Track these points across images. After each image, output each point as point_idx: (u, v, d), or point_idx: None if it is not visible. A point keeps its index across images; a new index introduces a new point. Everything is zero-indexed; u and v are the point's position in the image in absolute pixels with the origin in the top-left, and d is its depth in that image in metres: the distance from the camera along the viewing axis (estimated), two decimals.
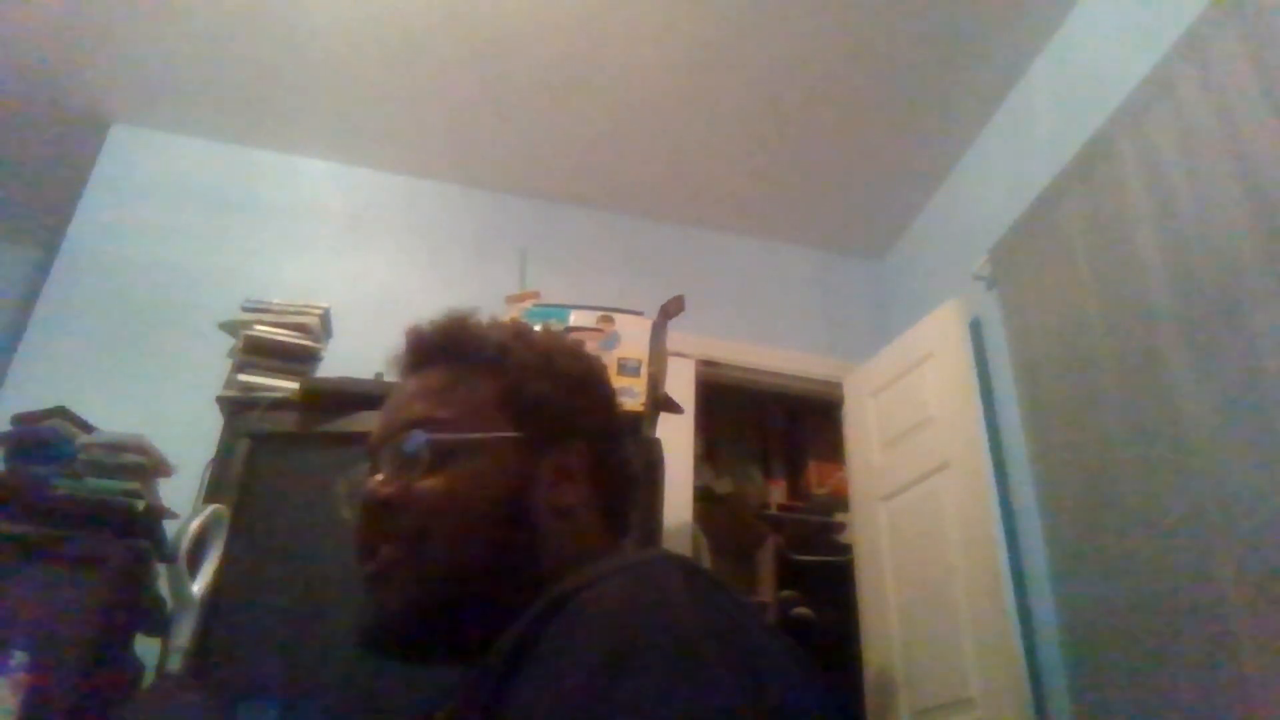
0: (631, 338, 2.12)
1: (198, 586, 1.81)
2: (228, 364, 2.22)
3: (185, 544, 1.78)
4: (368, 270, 3.08)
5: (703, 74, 2.83)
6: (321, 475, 1.20)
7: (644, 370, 2.07)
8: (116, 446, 1.96)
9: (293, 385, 2.11)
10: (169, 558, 1.82)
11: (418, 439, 0.71)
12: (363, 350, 1.68)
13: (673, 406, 2.22)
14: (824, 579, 3.75)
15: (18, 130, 3.09)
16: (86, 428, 2.03)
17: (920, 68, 2.76)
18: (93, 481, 1.91)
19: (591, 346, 2.09)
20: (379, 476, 0.72)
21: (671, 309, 2.20)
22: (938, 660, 2.45)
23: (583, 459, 0.75)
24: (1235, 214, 1.77)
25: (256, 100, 3.01)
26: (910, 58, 2.73)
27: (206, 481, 2.03)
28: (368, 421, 0.84)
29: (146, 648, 1.96)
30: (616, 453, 0.79)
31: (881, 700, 2.65)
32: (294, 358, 2.22)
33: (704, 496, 3.51)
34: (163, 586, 1.91)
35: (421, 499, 0.70)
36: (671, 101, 2.95)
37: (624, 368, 2.07)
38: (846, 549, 3.40)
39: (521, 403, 0.74)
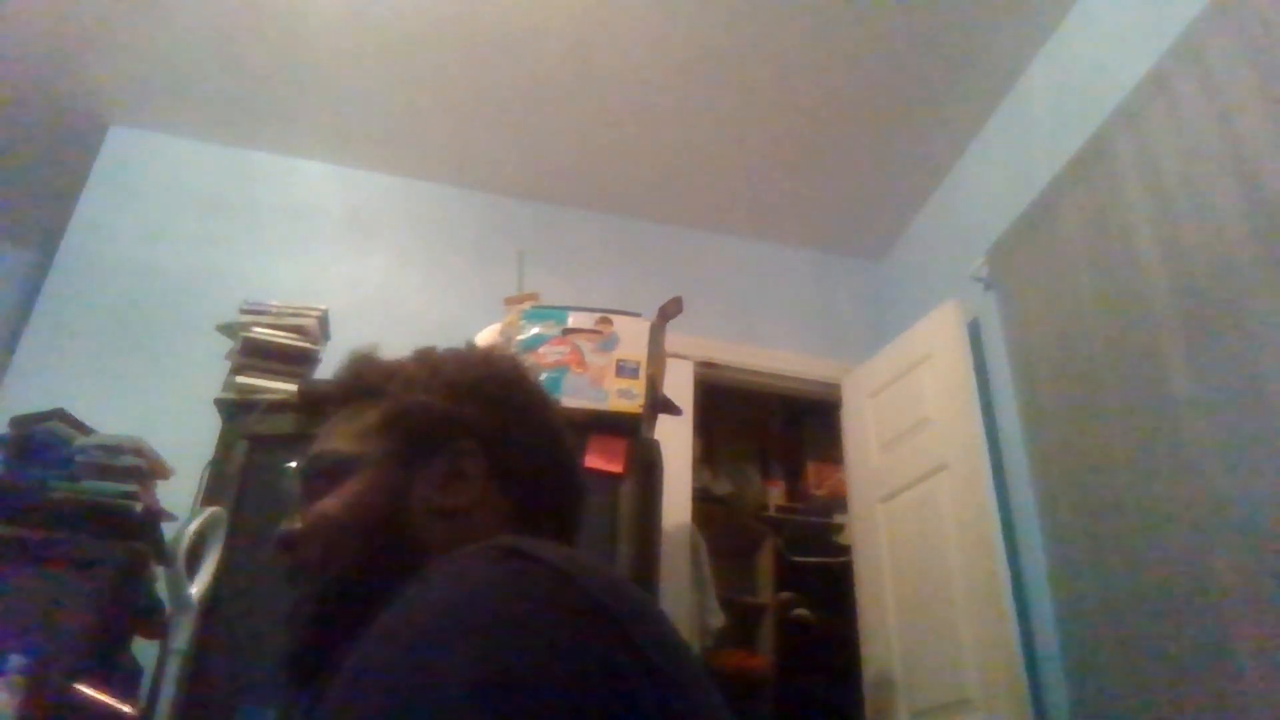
0: (630, 339, 2.11)
1: (196, 589, 1.81)
2: (226, 366, 2.22)
3: (184, 546, 1.77)
4: (366, 272, 3.08)
5: (700, 75, 2.84)
6: None
7: (642, 372, 2.07)
8: (114, 448, 1.95)
9: (291, 387, 2.11)
10: (167, 560, 1.81)
11: (304, 469, 0.80)
12: None
13: (671, 408, 2.22)
14: (822, 580, 3.75)
15: (16, 131, 3.09)
16: (84, 430, 2.03)
17: (917, 69, 2.77)
18: (90, 484, 1.90)
19: (590, 348, 2.09)
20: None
21: (670, 310, 2.20)
22: (936, 661, 2.45)
23: (479, 460, 0.78)
24: (1233, 213, 1.77)
25: (255, 102, 3.01)
26: (907, 59, 2.74)
27: (205, 483, 2.02)
28: None
29: (145, 650, 1.96)
30: (517, 450, 0.80)
31: (880, 701, 2.65)
32: (292, 360, 2.22)
33: (702, 498, 3.51)
34: (161, 589, 1.91)
35: (311, 526, 0.76)
36: (669, 103, 2.95)
37: (622, 369, 2.07)
38: (845, 550, 3.40)
39: (399, 418, 0.79)
